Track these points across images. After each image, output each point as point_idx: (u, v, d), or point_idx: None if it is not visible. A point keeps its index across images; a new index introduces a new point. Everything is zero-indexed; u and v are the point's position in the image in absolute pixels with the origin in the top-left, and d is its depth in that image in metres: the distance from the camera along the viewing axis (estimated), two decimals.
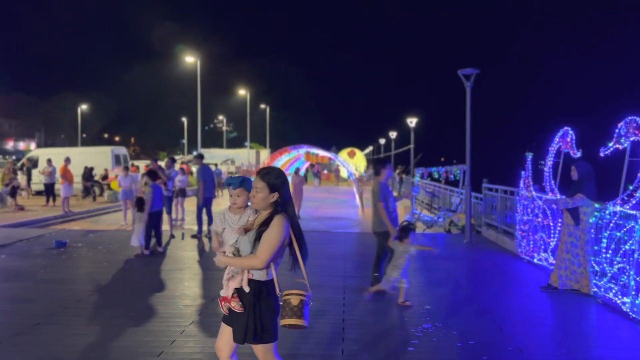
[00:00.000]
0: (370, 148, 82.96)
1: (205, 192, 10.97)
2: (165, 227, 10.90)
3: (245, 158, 45.42)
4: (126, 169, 14.19)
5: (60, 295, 6.42)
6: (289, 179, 6.19)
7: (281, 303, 3.18)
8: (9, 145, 74.00)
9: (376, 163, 7.48)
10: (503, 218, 10.59)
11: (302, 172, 32.44)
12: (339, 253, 9.37)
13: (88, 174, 20.55)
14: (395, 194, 8.10)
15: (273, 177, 3.11)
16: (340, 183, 38.42)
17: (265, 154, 50.56)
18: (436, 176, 13.96)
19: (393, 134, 45.80)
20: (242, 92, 53.94)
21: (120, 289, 6.82)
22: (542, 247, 7.95)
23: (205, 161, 12.08)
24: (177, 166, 17.92)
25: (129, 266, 8.22)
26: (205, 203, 10.99)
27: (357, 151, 50.05)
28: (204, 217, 11.00)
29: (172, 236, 11.10)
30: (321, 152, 22.06)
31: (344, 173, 34.68)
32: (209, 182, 11.09)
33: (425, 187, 19.10)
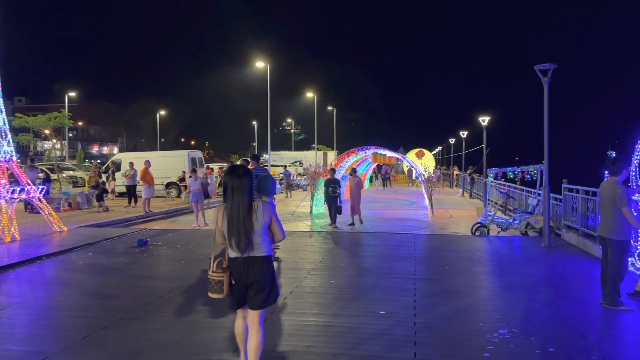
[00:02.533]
0: (439, 148, 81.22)
1: (259, 195, 11.04)
2: None
3: (313, 160, 45.93)
4: (194, 171, 14.65)
5: (142, 292, 6.79)
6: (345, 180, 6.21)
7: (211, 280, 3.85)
8: (94, 149, 79.32)
9: (614, 161, 5.96)
10: (585, 220, 10.00)
11: (369, 173, 32.36)
12: (408, 255, 9.24)
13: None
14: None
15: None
16: (409, 184, 37.95)
17: (332, 155, 50.85)
18: (511, 176, 13.41)
19: (464, 133, 44.51)
20: (309, 94, 54.60)
21: (198, 286, 7.10)
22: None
23: (273, 163, 12.34)
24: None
25: (206, 265, 8.55)
26: None
27: (426, 151, 49.17)
28: None
29: None
30: (389, 153, 21.79)
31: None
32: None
33: (499, 187, 18.43)
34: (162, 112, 71.97)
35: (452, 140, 61.39)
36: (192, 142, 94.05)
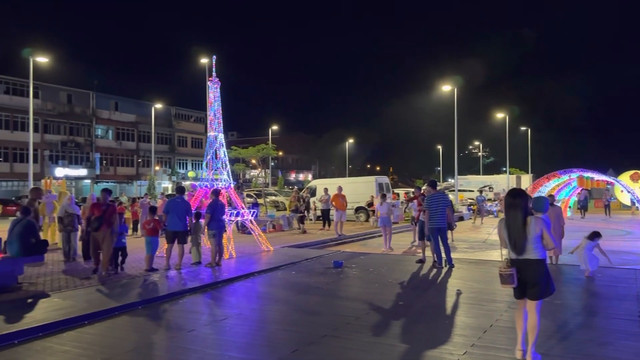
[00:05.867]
0: None
1: (432, 222, 10.52)
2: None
3: (504, 184, 43.27)
4: (384, 196, 14.89)
5: (342, 311, 7.14)
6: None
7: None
8: (292, 176, 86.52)
9: None
10: None
11: (572, 199, 29.10)
12: (629, 293, 8.05)
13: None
14: None
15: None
16: (626, 211, 33.12)
17: (526, 179, 47.26)
18: None
19: None
20: (499, 115, 51.91)
21: (393, 310, 7.20)
22: None
23: (460, 188, 11.87)
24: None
25: (398, 289, 8.64)
26: (435, 232, 10.54)
27: None
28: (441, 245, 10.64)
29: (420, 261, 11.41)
30: (596, 176, 19.48)
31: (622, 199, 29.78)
32: (439, 210, 10.54)
33: None
34: (351, 140, 75.71)
35: None
36: (377, 168, 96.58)
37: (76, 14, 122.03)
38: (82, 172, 51.62)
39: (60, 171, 46.82)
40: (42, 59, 28.48)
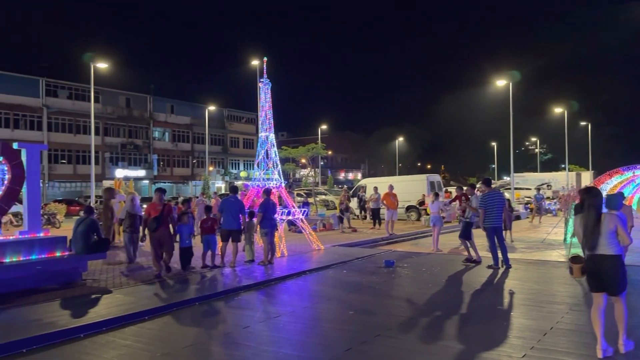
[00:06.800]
0: None
1: (487, 221, 10.29)
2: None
3: (564, 181, 41.53)
4: (436, 195, 14.62)
5: (394, 311, 7.07)
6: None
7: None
8: (341, 175, 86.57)
9: None
10: None
11: (637, 196, 27.50)
12: None
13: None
14: None
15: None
16: None
17: (587, 176, 45.21)
18: None
19: None
20: (558, 110, 49.90)
21: (448, 311, 7.05)
22: None
23: (517, 186, 11.50)
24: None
25: (452, 290, 8.47)
26: (491, 232, 10.34)
27: None
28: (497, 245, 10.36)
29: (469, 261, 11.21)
30: None
31: None
32: (495, 209, 10.29)
33: None
34: (401, 139, 74.90)
35: None
36: (428, 166, 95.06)
37: (132, 21, 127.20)
38: (141, 173, 53.70)
39: (120, 172, 48.94)
40: (102, 65, 29.86)
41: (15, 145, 9.06)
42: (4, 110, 44.32)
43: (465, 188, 12.77)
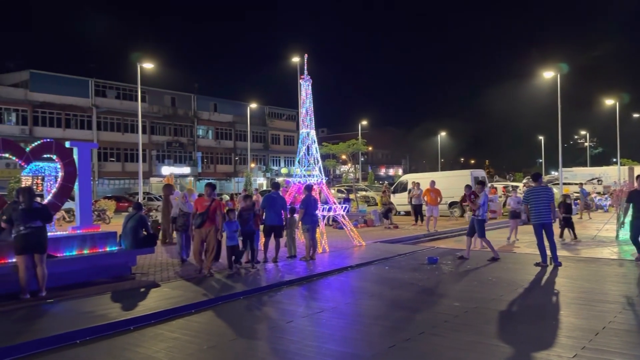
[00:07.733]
0: None
1: (535, 217, 10.06)
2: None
3: (615, 176, 39.81)
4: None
5: (439, 309, 6.96)
6: None
7: None
8: (382, 171, 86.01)
9: None
10: None
11: None
12: None
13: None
14: None
15: None
16: None
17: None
18: None
19: None
20: (608, 102, 47.84)
21: (495, 310, 6.88)
22: None
23: (565, 181, 11.12)
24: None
25: (498, 288, 8.27)
26: (539, 228, 10.04)
27: None
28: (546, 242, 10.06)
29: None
30: None
31: None
32: (543, 204, 10.02)
33: None
34: (443, 134, 73.67)
35: None
36: (472, 162, 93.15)
37: (176, 22, 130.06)
38: (186, 170, 54.99)
39: (165, 169, 50.25)
40: (148, 65, 30.69)
41: (67, 144, 9.45)
42: (56, 110, 46.30)
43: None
